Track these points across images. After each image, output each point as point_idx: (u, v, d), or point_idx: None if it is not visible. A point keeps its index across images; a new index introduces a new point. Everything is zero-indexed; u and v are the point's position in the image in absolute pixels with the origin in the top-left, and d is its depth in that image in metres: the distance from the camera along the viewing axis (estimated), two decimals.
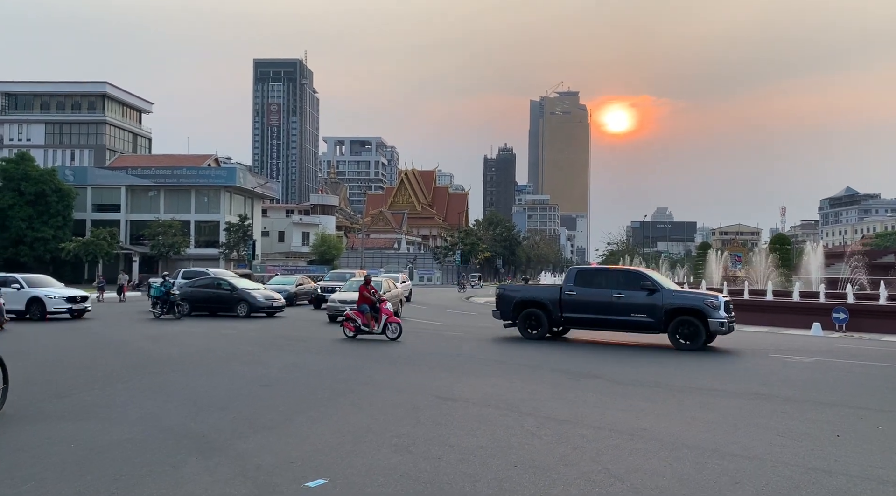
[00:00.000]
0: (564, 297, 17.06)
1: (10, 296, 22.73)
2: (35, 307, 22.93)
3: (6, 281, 23.78)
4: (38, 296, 23.05)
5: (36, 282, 24.38)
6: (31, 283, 23.98)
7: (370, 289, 17.39)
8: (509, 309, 17.86)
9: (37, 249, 58.86)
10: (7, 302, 22.13)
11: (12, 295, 22.94)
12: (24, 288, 23.37)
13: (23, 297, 23.07)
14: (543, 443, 7.12)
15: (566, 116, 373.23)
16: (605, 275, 17.35)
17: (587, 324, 16.95)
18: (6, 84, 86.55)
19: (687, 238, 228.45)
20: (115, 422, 7.88)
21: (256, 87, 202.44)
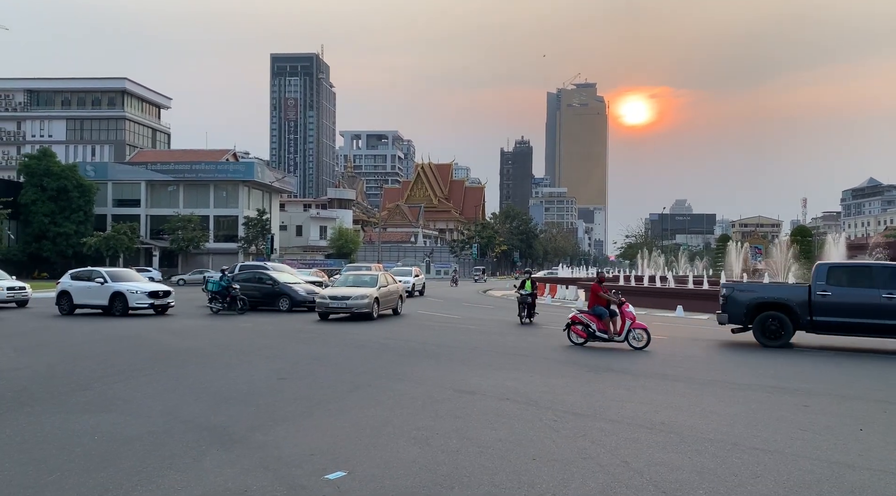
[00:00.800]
0: (816, 299, 14.78)
1: (93, 291, 22.75)
2: (118, 302, 22.38)
3: (90, 275, 23.53)
4: (120, 291, 22.42)
5: (119, 277, 23.79)
6: (115, 278, 23.41)
7: (605, 288, 15.47)
8: (741, 311, 15.52)
9: (59, 244, 59.66)
10: (91, 296, 22.66)
11: (96, 289, 22.77)
12: (108, 282, 22.83)
13: (106, 292, 22.59)
14: (562, 436, 7.11)
15: (583, 108, 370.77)
16: (866, 272, 15.09)
17: (847, 329, 14.66)
18: (28, 81, 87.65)
19: (706, 230, 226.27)
20: (137, 415, 7.99)
21: (274, 81, 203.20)
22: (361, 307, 20.64)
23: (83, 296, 23.04)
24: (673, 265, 72.09)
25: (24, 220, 60.23)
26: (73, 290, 23.26)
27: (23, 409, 8.27)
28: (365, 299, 20.77)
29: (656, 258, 65.70)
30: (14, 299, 26.24)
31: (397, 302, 23.61)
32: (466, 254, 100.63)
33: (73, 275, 24.07)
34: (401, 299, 24.10)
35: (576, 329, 15.11)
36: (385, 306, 22.44)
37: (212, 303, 23.79)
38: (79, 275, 23.96)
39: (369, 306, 20.82)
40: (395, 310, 23.43)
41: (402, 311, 23.97)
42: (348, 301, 20.71)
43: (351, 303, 20.67)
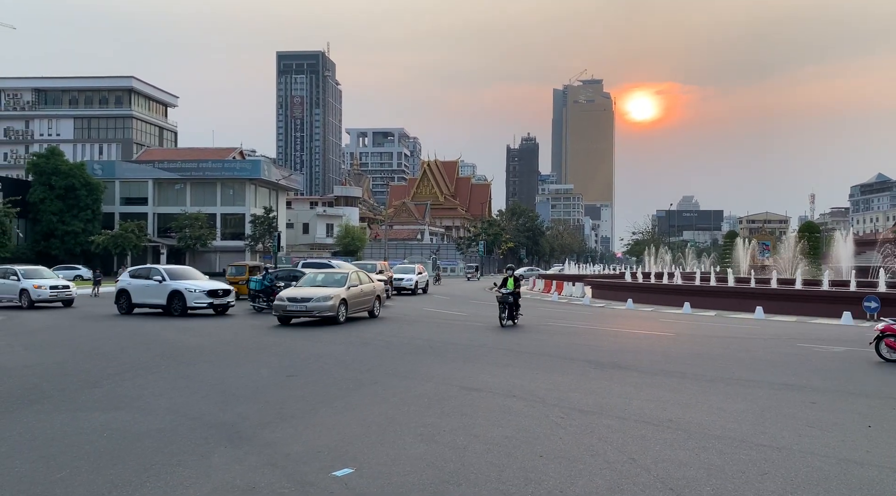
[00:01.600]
0: None
1: (151, 290, 21.89)
2: (176, 301, 21.37)
3: (148, 272, 22.73)
4: (178, 290, 21.41)
5: (178, 275, 22.61)
6: (173, 275, 22.34)
7: None
8: None
9: (67, 242, 59.95)
10: (149, 295, 21.90)
11: (154, 288, 21.85)
12: (166, 280, 21.80)
13: (164, 291, 21.59)
14: (569, 433, 7.11)
15: (590, 105, 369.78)
16: None
17: None
18: (36, 80, 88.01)
19: (714, 227, 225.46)
20: (145, 412, 8.03)
21: (280, 79, 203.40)
22: (324, 310, 18.09)
23: (141, 295, 22.15)
24: (680, 262, 71.85)
25: (33, 219, 60.54)
26: (132, 289, 22.31)
27: (33, 406, 8.33)
28: (328, 301, 18.15)
29: (663, 255, 65.48)
30: (58, 298, 25.51)
31: (373, 303, 20.85)
32: (473, 252, 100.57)
33: (132, 273, 23.23)
34: (378, 300, 21.29)
35: (889, 342, 12.53)
36: (357, 308, 19.78)
37: (255, 301, 22.93)
38: (137, 273, 23.06)
39: (333, 309, 18.20)
40: (371, 313, 20.80)
41: (380, 313, 21.36)
42: (309, 303, 18.10)
43: (312, 306, 18.08)
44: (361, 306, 20.12)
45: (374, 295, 21.00)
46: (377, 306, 21.15)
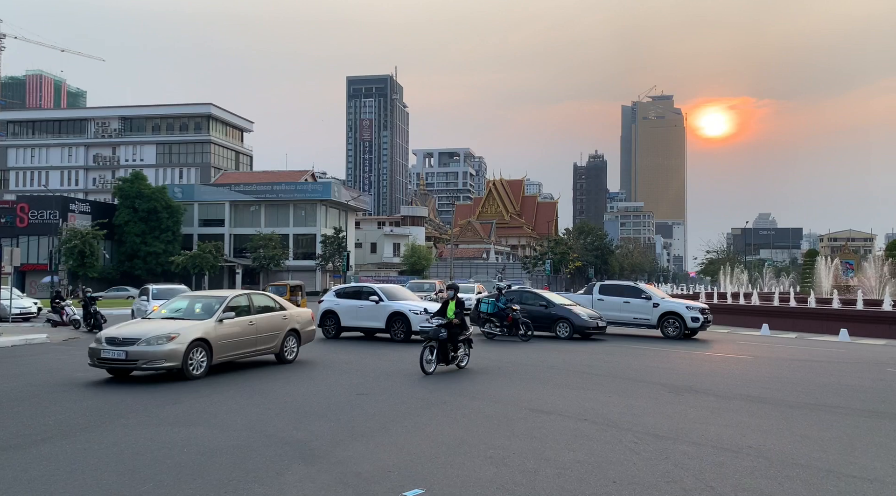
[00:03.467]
0: None
1: (366, 311, 19.61)
2: (398, 324, 19.10)
3: (360, 291, 20.44)
4: (400, 312, 19.15)
5: (395, 294, 20.33)
6: (391, 295, 20.04)
7: None
8: None
9: (149, 263, 62.80)
10: (363, 317, 19.68)
11: (370, 309, 19.54)
12: (384, 300, 19.49)
13: (382, 312, 19.36)
14: (642, 458, 6.92)
15: (660, 121, 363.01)
16: None
17: None
18: (122, 109, 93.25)
19: (792, 245, 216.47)
20: (223, 428, 8.28)
21: (349, 103, 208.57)
22: (156, 359, 11.60)
23: (353, 317, 19.94)
24: (757, 281, 69.22)
25: (118, 240, 63.77)
26: (341, 310, 20.20)
27: (119, 420, 8.71)
28: (163, 345, 11.66)
29: (739, 274, 63.29)
30: None
31: (280, 343, 14.17)
32: (539, 271, 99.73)
33: (340, 292, 21.02)
34: (296, 337, 14.72)
35: None
36: (241, 351, 13.20)
37: (485, 326, 20.16)
38: (346, 292, 20.86)
39: (174, 356, 11.70)
40: (280, 356, 14.31)
41: (294, 357, 14.62)
42: (133, 347, 11.61)
43: (137, 353, 11.56)
44: (251, 348, 13.45)
45: (283, 330, 14.26)
46: (291, 346, 14.52)
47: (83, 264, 54.89)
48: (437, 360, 12.82)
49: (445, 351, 12.96)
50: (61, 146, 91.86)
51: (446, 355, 13.00)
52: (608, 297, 22.00)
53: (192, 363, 12.07)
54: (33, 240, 59.74)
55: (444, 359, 12.96)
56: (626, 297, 21.75)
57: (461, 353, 13.46)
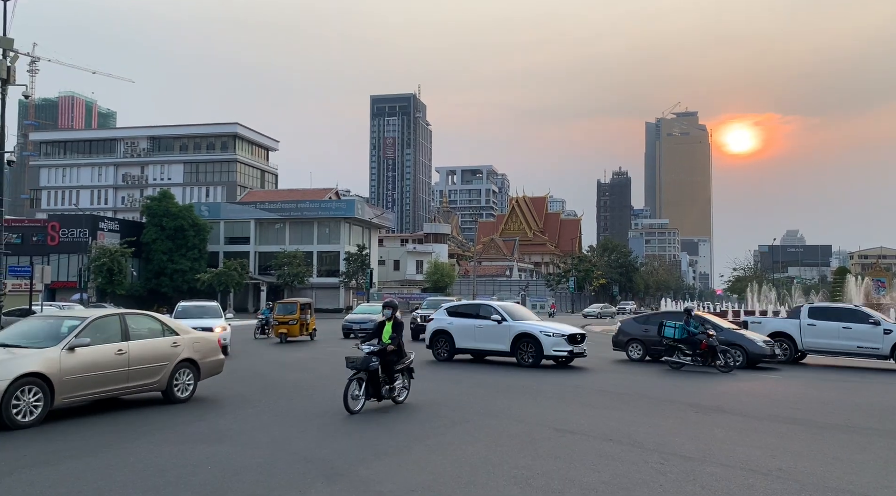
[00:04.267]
0: None
1: (486, 332, 17.94)
2: (527, 347, 17.28)
3: (478, 310, 18.75)
4: (529, 333, 17.35)
5: (517, 313, 18.52)
6: (514, 315, 18.19)
7: None
8: None
9: (175, 280, 63.57)
10: (483, 339, 18.03)
11: (490, 330, 17.84)
12: (507, 320, 17.77)
13: (506, 334, 17.58)
14: (669, 480, 6.81)
15: (684, 137, 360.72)
16: None
17: None
18: (150, 129, 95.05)
19: (821, 262, 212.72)
20: (246, 446, 8.31)
21: (373, 122, 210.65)
22: None
23: (469, 338, 18.27)
24: (786, 299, 68.08)
25: (146, 258, 64.70)
26: (456, 330, 18.45)
27: (146, 437, 8.79)
28: None
29: (767, 292, 62.28)
30: None
31: (167, 377, 11.27)
32: (563, 288, 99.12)
33: (452, 311, 19.35)
34: (192, 369, 11.77)
35: None
36: (99, 390, 10.31)
37: (673, 355, 17.30)
38: (460, 311, 19.24)
39: None
40: (168, 394, 11.38)
41: (189, 394, 11.73)
42: None
43: None
44: (121, 385, 10.64)
45: (172, 361, 11.38)
46: (184, 381, 11.66)
47: (111, 282, 55.74)
48: (365, 395, 10.60)
49: (377, 383, 10.69)
50: (91, 166, 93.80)
51: (378, 389, 10.74)
52: (821, 322, 19.09)
53: (17, 406, 9.05)
54: (63, 258, 60.87)
55: (374, 394, 10.72)
56: (845, 322, 18.79)
57: (398, 386, 11.22)
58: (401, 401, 11.33)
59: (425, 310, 29.41)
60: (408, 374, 11.52)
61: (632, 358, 19.53)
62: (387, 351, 10.83)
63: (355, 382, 10.45)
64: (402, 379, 11.33)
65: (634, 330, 20.14)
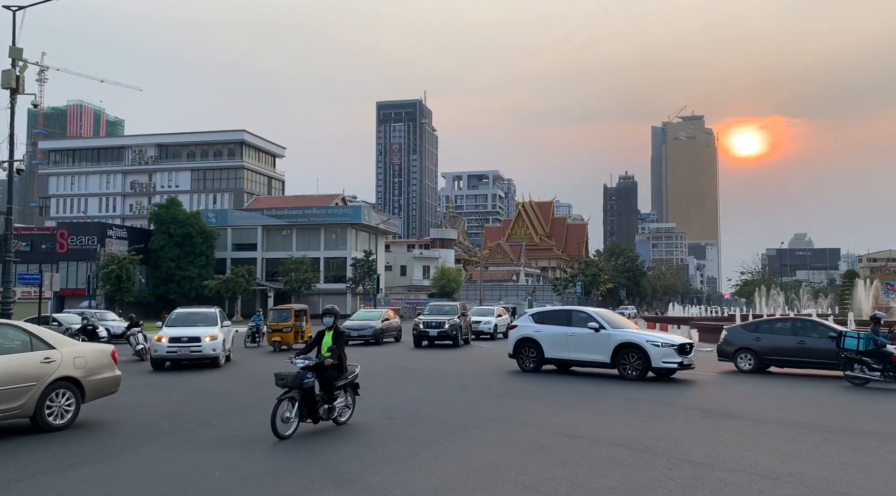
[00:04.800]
0: None
1: (581, 341, 16.23)
2: (630, 358, 15.60)
3: (570, 316, 17.06)
4: (634, 343, 15.64)
5: (614, 321, 16.82)
6: (613, 323, 16.50)
7: None
8: None
9: (183, 287, 63.78)
10: (577, 348, 16.36)
11: (586, 339, 16.16)
12: (606, 328, 16.06)
13: (606, 343, 15.89)
14: (678, 485, 6.79)
15: (691, 141, 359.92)
16: None
17: None
18: (158, 136, 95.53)
19: (830, 266, 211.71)
20: (256, 451, 8.33)
21: (379, 128, 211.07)
22: None
23: (561, 347, 16.67)
24: (794, 303, 67.75)
25: (154, 265, 64.95)
26: (545, 338, 16.85)
27: (156, 444, 8.83)
28: None
29: (775, 296, 62.06)
30: None
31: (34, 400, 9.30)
32: (570, 293, 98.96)
33: (539, 317, 17.76)
34: (74, 390, 9.91)
35: None
36: None
37: (854, 368, 14.99)
38: (549, 317, 17.65)
39: None
40: (39, 420, 9.44)
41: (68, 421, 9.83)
42: None
43: None
44: None
45: (42, 381, 9.41)
46: (61, 404, 9.69)
47: (120, 289, 55.96)
48: (299, 417, 9.18)
49: (313, 403, 9.30)
50: (100, 174, 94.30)
51: (314, 409, 9.33)
52: None
53: None
54: (72, 265, 61.17)
55: (310, 415, 9.32)
56: None
57: (339, 404, 9.79)
58: (343, 422, 9.92)
59: (427, 315, 28.77)
60: (351, 391, 10.12)
61: (742, 369, 17.63)
62: (325, 365, 9.38)
63: (287, 402, 9.06)
64: (345, 396, 10.00)
65: (744, 338, 18.20)
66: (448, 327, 26.74)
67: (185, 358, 18.87)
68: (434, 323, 27.19)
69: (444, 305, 31.26)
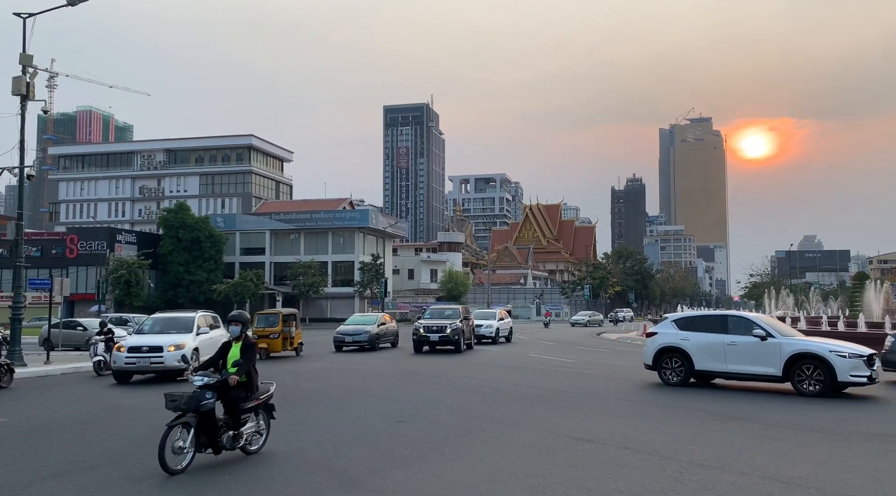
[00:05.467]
0: None
1: (745, 351, 14.15)
2: (808, 372, 13.47)
3: (724, 322, 14.98)
4: (814, 354, 13.46)
5: (783, 329, 14.84)
6: (781, 330, 14.54)
7: None
8: None
9: (192, 291, 64.00)
10: (743, 359, 14.21)
11: (749, 348, 14.09)
12: (775, 337, 13.96)
13: (776, 353, 13.79)
14: (687, 489, 6.76)
15: (699, 143, 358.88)
16: None
17: None
18: (167, 141, 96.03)
19: (840, 268, 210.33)
20: (264, 455, 8.34)
21: (386, 132, 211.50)
22: None
23: (716, 358, 14.55)
24: (804, 305, 67.34)
25: (163, 270, 65.22)
26: (694, 347, 14.81)
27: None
28: None
29: (785, 298, 61.69)
30: None
31: None
32: (578, 296, 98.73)
33: (685, 323, 15.66)
34: None
35: None
36: None
37: None
38: (697, 322, 15.57)
39: None
40: None
41: None
42: None
43: None
44: None
45: None
46: None
47: (129, 293, 56.21)
48: (195, 446, 7.57)
49: (213, 429, 7.65)
50: (109, 179, 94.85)
51: (215, 437, 7.67)
52: None
53: None
54: (82, 270, 61.49)
55: (210, 443, 7.70)
56: None
57: (248, 431, 8.19)
58: (253, 451, 8.31)
59: (428, 319, 27.25)
60: (265, 414, 8.56)
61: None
62: (229, 383, 7.83)
63: (180, 428, 7.47)
64: (256, 420, 8.40)
65: None
66: (450, 332, 25.55)
67: (145, 370, 16.99)
68: (435, 327, 25.89)
69: (446, 309, 29.76)
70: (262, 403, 8.44)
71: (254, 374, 8.28)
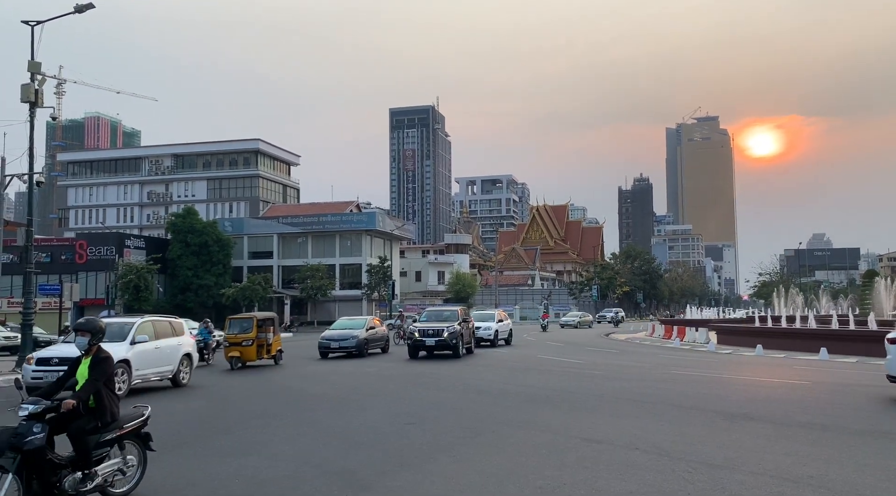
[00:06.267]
0: None
1: None
2: None
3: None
4: None
5: None
6: None
7: None
8: None
9: (201, 296, 64.25)
10: None
11: None
12: None
13: None
14: (697, 489, 6.74)
15: (706, 142, 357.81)
16: None
17: None
18: (174, 146, 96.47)
19: (849, 266, 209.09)
20: (273, 458, 8.37)
21: (393, 134, 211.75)
22: None
23: None
24: (813, 304, 66.95)
25: (171, 274, 65.53)
26: None
27: (176, 451, 8.90)
28: None
29: (794, 296, 61.37)
30: None
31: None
32: (586, 296, 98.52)
33: None
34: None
35: None
36: None
37: None
38: None
39: None
40: None
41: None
42: None
43: None
44: None
45: None
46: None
47: (138, 298, 56.49)
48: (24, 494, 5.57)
49: (46, 470, 5.70)
50: (117, 184, 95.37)
51: (47, 480, 5.71)
52: None
53: None
54: (91, 275, 61.85)
55: (44, 491, 5.71)
56: None
57: (108, 469, 6.34)
58: (121, 493, 6.55)
59: (424, 322, 25.82)
60: (139, 446, 6.79)
61: None
62: (70, 410, 5.98)
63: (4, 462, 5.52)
64: (122, 456, 6.55)
65: None
66: (447, 335, 23.68)
67: None
68: (431, 330, 24.10)
69: (443, 310, 27.73)
70: (128, 433, 6.58)
71: (108, 399, 6.38)
